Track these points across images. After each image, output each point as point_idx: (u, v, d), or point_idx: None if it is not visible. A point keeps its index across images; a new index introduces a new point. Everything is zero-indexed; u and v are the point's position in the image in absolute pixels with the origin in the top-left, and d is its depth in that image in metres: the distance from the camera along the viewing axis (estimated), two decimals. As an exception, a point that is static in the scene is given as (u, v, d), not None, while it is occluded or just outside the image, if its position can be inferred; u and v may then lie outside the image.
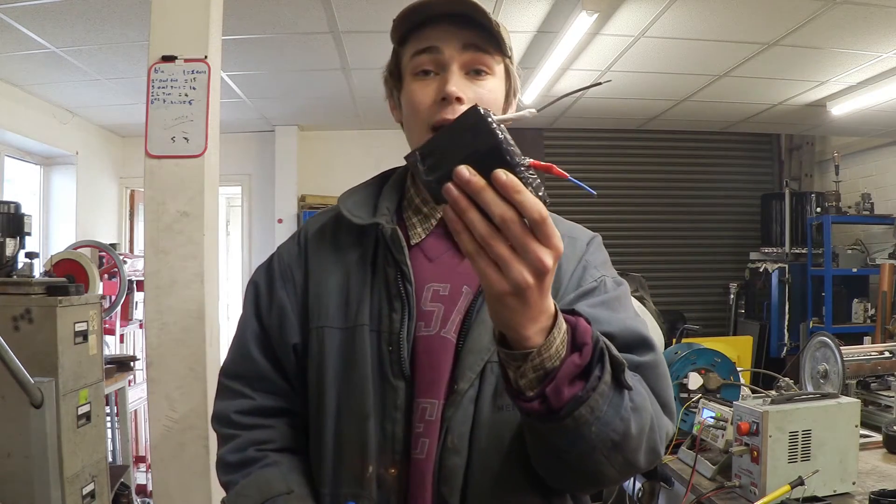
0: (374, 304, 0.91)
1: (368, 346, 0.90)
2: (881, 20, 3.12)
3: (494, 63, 0.92)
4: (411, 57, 0.92)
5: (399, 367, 0.88)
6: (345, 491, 0.89)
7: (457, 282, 0.92)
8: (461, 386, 0.87)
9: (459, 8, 0.88)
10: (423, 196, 0.97)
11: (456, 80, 0.88)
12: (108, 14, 3.02)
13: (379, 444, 0.88)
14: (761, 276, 5.37)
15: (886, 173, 5.25)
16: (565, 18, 3.15)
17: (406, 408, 0.88)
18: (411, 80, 0.92)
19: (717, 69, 3.95)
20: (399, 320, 0.89)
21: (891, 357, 2.48)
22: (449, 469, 0.86)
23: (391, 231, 0.91)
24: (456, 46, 0.89)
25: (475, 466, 0.86)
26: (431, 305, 0.91)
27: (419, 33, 0.91)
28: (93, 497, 2.40)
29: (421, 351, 0.89)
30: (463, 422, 0.86)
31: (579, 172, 5.82)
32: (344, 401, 0.90)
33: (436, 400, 0.88)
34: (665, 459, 2.01)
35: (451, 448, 0.86)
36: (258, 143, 5.49)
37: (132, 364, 3.77)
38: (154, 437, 2.43)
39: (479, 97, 0.89)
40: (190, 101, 2.41)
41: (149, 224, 2.44)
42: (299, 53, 3.69)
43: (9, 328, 2.19)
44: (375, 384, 0.89)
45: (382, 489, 0.87)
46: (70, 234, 4.59)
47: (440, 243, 0.96)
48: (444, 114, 0.88)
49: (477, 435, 0.87)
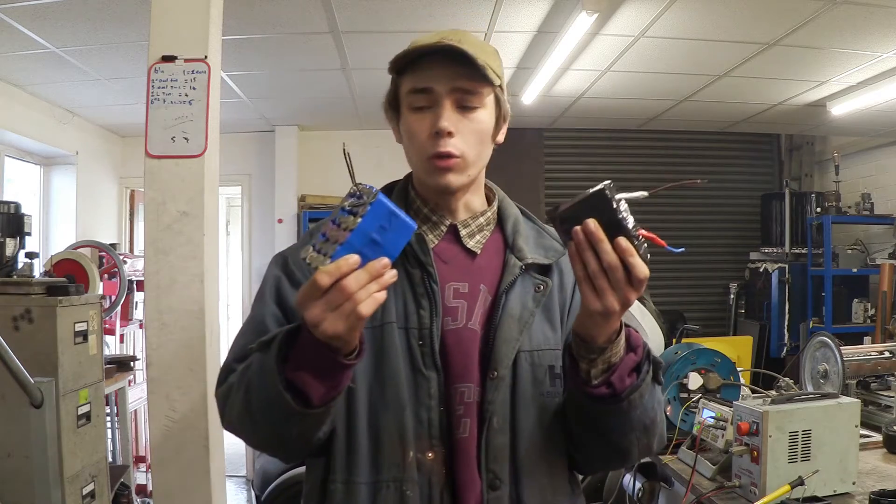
0: (399, 304, 0.99)
1: (398, 341, 0.98)
2: (881, 20, 3.11)
3: (484, 96, 1.02)
4: (407, 94, 1.02)
5: (431, 359, 0.97)
6: (385, 477, 0.95)
7: (473, 280, 1.04)
8: (501, 372, 0.99)
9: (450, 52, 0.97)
10: (431, 206, 1.07)
11: (448, 116, 0.98)
12: (108, 14, 3.02)
13: (415, 430, 0.96)
14: (761, 276, 5.36)
15: (886, 173, 5.25)
16: (565, 18, 3.15)
17: (439, 395, 0.97)
18: (408, 114, 1.02)
19: (717, 69, 3.95)
20: (428, 316, 0.98)
21: (891, 357, 2.48)
22: (497, 448, 0.97)
23: (417, 237, 1.00)
24: (446, 86, 0.99)
25: (519, 444, 0.99)
26: (455, 302, 1.02)
27: (415, 67, 1.00)
28: (93, 497, 2.40)
29: (452, 342, 1.00)
30: (503, 404, 0.99)
31: (579, 172, 5.85)
32: (377, 394, 0.97)
33: (471, 384, 0.99)
34: (665, 459, 2.01)
35: (497, 428, 0.98)
36: (258, 143, 5.48)
37: (132, 364, 3.77)
38: (154, 437, 2.43)
39: (469, 129, 1.00)
40: (190, 101, 2.41)
41: (149, 224, 2.44)
42: (299, 53, 3.69)
43: (9, 328, 2.19)
44: (407, 376, 0.97)
45: (422, 472, 0.96)
46: (70, 234, 4.59)
47: (451, 247, 1.06)
48: (438, 147, 0.99)
49: (518, 416, 0.99)
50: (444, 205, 1.07)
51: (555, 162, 5.60)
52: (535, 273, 1.05)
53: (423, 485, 0.95)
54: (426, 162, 1.01)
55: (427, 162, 1.01)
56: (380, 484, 0.95)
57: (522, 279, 1.03)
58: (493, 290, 1.03)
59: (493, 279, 1.04)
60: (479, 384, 0.99)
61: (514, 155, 5.35)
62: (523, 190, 5.07)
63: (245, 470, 5.23)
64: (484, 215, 1.09)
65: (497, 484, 0.97)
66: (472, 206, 1.09)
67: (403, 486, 0.95)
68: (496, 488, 0.97)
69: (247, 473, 5.16)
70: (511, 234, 1.08)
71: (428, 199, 1.07)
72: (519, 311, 1.02)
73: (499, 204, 1.12)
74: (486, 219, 1.09)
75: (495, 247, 1.08)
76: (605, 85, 4.29)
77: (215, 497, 2.46)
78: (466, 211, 1.08)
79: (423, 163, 1.01)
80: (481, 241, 1.07)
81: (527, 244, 1.07)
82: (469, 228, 1.07)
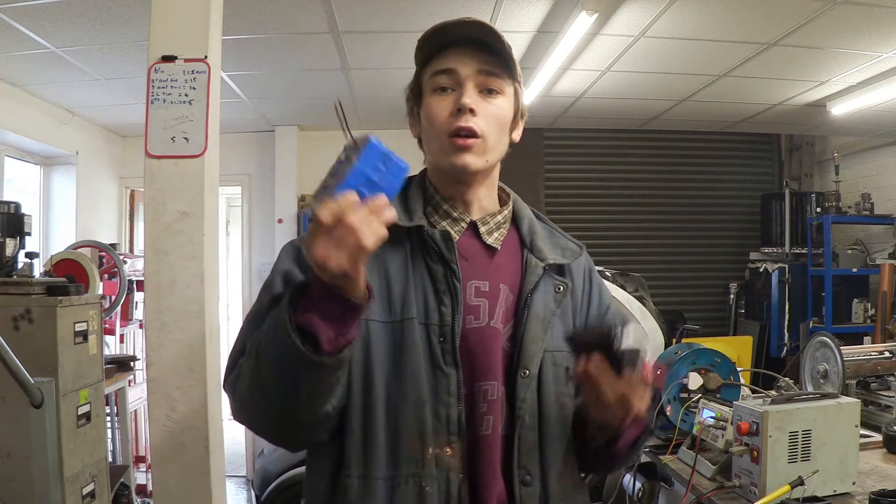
0: (420, 300, 0.99)
1: (419, 337, 0.98)
2: (881, 20, 3.11)
3: (505, 85, 1.04)
4: (431, 76, 1.03)
5: (452, 356, 0.98)
6: (404, 472, 0.96)
7: (493, 279, 1.05)
8: (532, 371, 1.01)
9: (476, 32, 1.00)
10: (452, 202, 1.08)
11: (471, 95, 1.00)
12: (108, 14, 3.02)
13: (434, 427, 0.96)
14: (761, 276, 5.36)
15: (886, 173, 5.24)
16: (565, 18, 3.15)
17: (458, 392, 0.98)
18: (430, 95, 1.03)
19: (717, 69, 3.95)
20: (450, 314, 0.99)
21: (891, 357, 2.48)
22: (529, 444, 1.00)
23: (442, 233, 1.02)
24: (472, 68, 1.01)
25: (546, 441, 1.02)
26: (476, 300, 1.03)
27: (440, 56, 1.02)
28: (93, 497, 2.40)
29: (474, 340, 1.01)
30: (532, 402, 1.01)
31: (579, 172, 5.84)
32: (395, 389, 0.97)
33: (494, 381, 1.00)
34: (665, 459, 2.02)
35: (529, 426, 1.00)
36: (258, 143, 5.48)
37: (132, 364, 3.77)
38: (154, 437, 2.43)
39: (490, 112, 1.02)
40: (190, 101, 2.41)
41: (149, 224, 2.44)
42: (299, 53, 3.69)
43: (9, 328, 2.19)
44: (427, 372, 0.97)
45: (441, 468, 0.96)
46: (70, 234, 4.59)
47: (472, 243, 1.07)
48: (459, 122, 0.99)
49: (544, 414, 1.02)
50: (460, 197, 1.07)
51: (555, 162, 5.60)
52: (554, 274, 1.07)
53: (441, 480, 0.96)
54: (445, 141, 1.01)
55: (447, 140, 1.01)
56: (398, 479, 0.95)
57: (544, 280, 1.05)
58: (513, 289, 1.05)
59: (512, 278, 1.06)
60: (504, 382, 1.01)
61: (514, 155, 5.24)
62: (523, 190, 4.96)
63: (245, 470, 5.23)
64: (501, 213, 1.10)
65: (529, 480, 0.99)
66: (486, 205, 1.10)
67: (422, 482, 0.95)
68: (528, 484, 0.99)
69: (247, 473, 5.16)
70: (528, 235, 1.10)
71: (445, 193, 1.08)
72: (542, 311, 1.04)
73: (513, 204, 1.14)
74: (503, 217, 1.11)
75: (513, 246, 1.09)
76: (605, 85, 4.29)
77: (215, 497, 2.46)
78: (481, 207, 1.09)
79: (443, 142, 1.01)
80: (499, 239, 1.09)
81: (545, 245, 1.09)
82: (488, 226, 1.08)
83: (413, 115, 1.10)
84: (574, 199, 5.61)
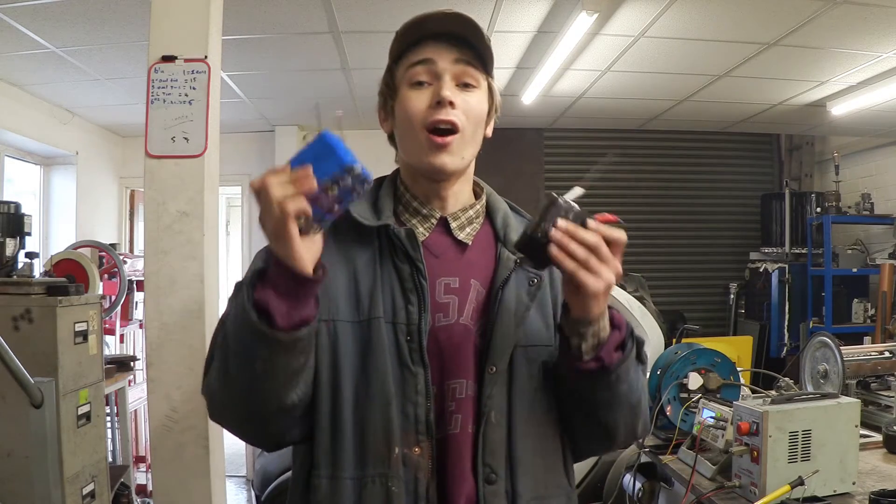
0: (387, 299, 0.98)
1: (385, 336, 0.97)
2: (881, 20, 3.11)
3: (481, 79, 1.03)
4: (407, 69, 1.02)
5: (419, 355, 0.97)
6: (371, 472, 0.95)
7: (464, 275, 1.03)
8: (500, 367, 0.99)
9: (456, 26, 1.00)
10: (421, 199, 1.06)
11: (449, 87, 1.00)
12: (108, 14, 3.02)
13: (401, 426, 0.95)
14: (761, 276, 5.36)
15: (886, 173, 5.25)
16: (565, 18, 3.15)
17: (426, 391, 0.96)
18: (407, 90, 1.02)
19: (717, 69, 3.95)
20: (416, 312, 0.97)
21: (891, 357, 2.48)
22: (494, 442, 0.98)
23: (406, 231, 1.00)
24: (449, 59, 1.00)
25: (515, 439, 0.99)
26: (445, 298, 1.01)
27: (415, 49, 1.02)
28: (93, 497, 2.40)
29: (444, 338, 0.99)
30: (500, 398, 0.99)
31: (579, 172, 5.85)
32: (362, 389, 0.96)
33: (464, 379, 0.99)
34: (665, 459, 2.02)
35: (495, 423, 0.98)
36: (258, 143, 5.48)
37: (132, 364, 3.77)
38: (154, 437, 2.43)
39: (468, 105, 1.01)
40: (190, 101, 2.41)
41: (149, 224, 2.45)
42: (299, 53, 3.69)
43: (9, 328, 2.19)
44: (394, 371, 0.96)
45: (408, 467, 0.95)
46: (70, 234, 4.59)
47: (442, 239, 1.05)
48: (438, 115, 0.98)
49: (514, 411, 0.99)
50: (435, 194, 1.06)
51: (555, 162, 5.60)
52: (528, 267, 1.04)
53: (409, 480, 0.95)
54: (423, 136, 0.99)
55: (424, 139, 0.99)
56: (365, 479, 0.94)
57: (516, 273, 1.03)
58: (485, 284, 1.03)
59: (484, 273, 1.04)
60: (475, 379, 0.99)
61: (514, 155, 5.36)
62: (523, 190, 5.06)
63: (245, 470, 5.23)
64: (473, 208, 1.08)
65: (493, 478, 0.97)
66: (461, 197, 1.08)
67: (389, 482, 0.94)
68: (492, 482, 0.97)
69: (247, 473, 5.16)
70: (501, 228, 1.08)
71: (417, 192, 1.06)
72: (514, 305, 1.01)
73: (487, 198, 1.12)
74: (476, 211, 1.09)
75: (486, 240, 1.07)
76: (605, 85, 4.29)
77: (215, 497, 2.46)
78: (456, 203, 1.07)
79: (420, 139, 1.00)
80: (471, 234, 1.07)
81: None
82: (459, 221, 1.07)
83: (385, 110, 1.08)
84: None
